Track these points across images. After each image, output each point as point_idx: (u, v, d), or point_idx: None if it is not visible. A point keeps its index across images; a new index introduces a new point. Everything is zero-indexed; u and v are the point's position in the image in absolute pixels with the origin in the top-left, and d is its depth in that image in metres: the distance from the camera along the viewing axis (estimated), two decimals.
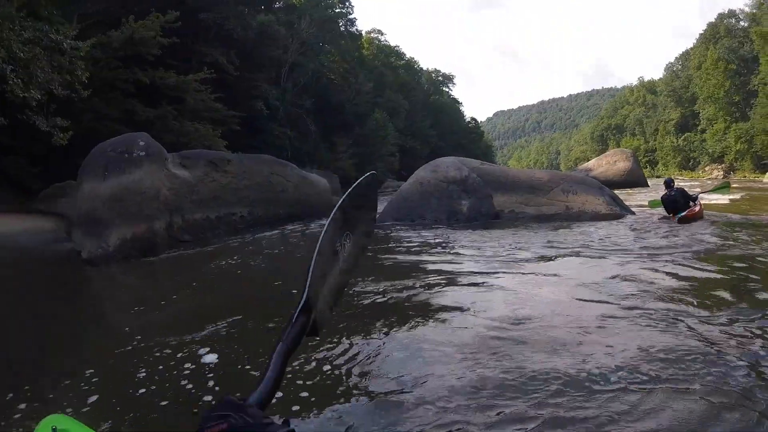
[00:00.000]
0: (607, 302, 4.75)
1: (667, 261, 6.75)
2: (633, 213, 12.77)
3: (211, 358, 3.78)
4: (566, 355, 3.42)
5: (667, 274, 5.98)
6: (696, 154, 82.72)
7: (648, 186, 31.35)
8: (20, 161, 15.91)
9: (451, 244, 9.00)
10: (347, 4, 52.97)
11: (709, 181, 41.41)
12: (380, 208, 14.92)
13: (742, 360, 3.21)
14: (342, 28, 52.26)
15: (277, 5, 39.96)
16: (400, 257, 7.92)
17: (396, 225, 12.18)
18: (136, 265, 8.70)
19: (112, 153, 9.67)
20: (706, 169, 75.11)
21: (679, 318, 4.12)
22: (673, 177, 13.13)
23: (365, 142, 42.85)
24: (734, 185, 29.23)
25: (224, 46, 26.54)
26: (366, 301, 5.20)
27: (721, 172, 66.97)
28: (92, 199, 9.11)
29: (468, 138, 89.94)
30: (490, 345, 3.71)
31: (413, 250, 8.56)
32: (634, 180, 30.97)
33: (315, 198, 14.38)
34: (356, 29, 57.13)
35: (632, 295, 4.97)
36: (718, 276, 5.96)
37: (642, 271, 6.14)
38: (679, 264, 6.51)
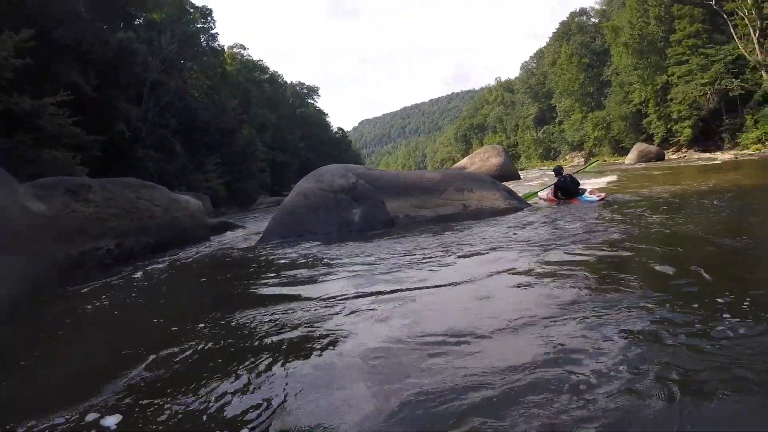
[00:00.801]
0: (512, 305, 4.66)
1: (591, 247, 6.84)
2: (529, 205, 13.03)
3: (112, 420, 3.27)
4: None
5: (600, 260, 6.06)
6: (556, 144, 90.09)
7: (520, 178, 33.23)
8: None
9: (336, 259, 8.63)
10: (209, 18, 51.79)
11: (571, 168, 44.52)
12: (263, 225, 14.54)
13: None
14: (204, 44, 50.93)
15: (137, 22, 38.09)
16: (280, 280, 7.58)
17: (282, 242, 11.55)
18: None
19: None
20: (567, 157, 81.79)
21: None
22: (556, 166, 13.94)
23: (234, 160, 41.68)
24: (593, 171, 31.98)
25: (82, 66, 24.92)
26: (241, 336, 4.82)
27: (582, 159, 73.30)
28: None
29: (337, 148, 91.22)
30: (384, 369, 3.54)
31: (292, 273, 7.96)
32: (507, 174, 32.44)
33: (187, 221, 13.60)
34: (218, 44, 56.00)
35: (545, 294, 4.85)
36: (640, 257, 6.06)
37: (564, 263, 6.11)
38: (607, 249, 6.65)
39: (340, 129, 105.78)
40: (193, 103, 39.51)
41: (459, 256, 7.44)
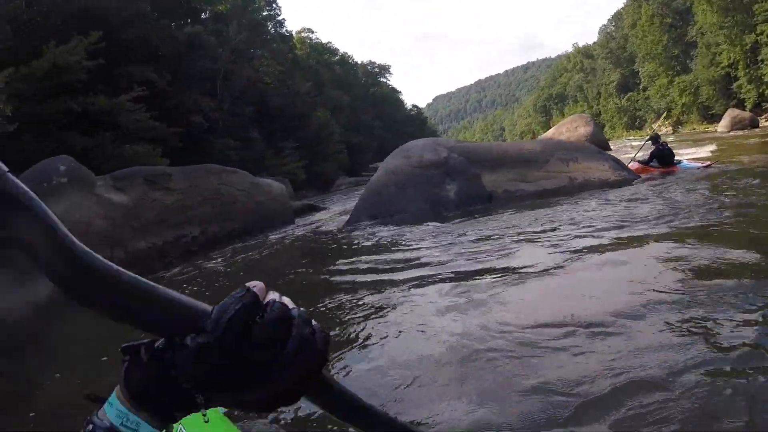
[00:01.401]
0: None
1: (720, 223, 5.84)
2: (638, 176, 11.69)
3: None
4: None
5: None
6: (642, 112, 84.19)
7: (611, 149, 30.85)
8: None
9: (430, 240, 7.70)
10: (274, 5, 51.60)
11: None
12: (351, 205, 13.89)
13: None
14: (272, 31, 50.83)
15: (204, 15, 38.29)
16: (372, 264, 6.73)
17: (371, 223, 10.68)
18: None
19: (29, 184, 8.17)
20: (654, 126, 76.19)
21: None
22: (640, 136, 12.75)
23: (310, 143, 41.35)
24: (686, 139, 29.30)
25: (153, 63, 24.94)
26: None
27: (670, 128, 67.83)
28: None
29: (413, 125, 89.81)
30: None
31: (383, 258, 7.13)
32: (597, 144, 30.25)
33: (271, 205, 13.06)
34: (286, 30, 55.82)
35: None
36: None
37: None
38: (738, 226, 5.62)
39: (414, 106, 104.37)
40: (266, 90, 39.43)
41: (576, 236, 6.43)
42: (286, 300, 0.56)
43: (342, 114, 57.28)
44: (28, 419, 3.45)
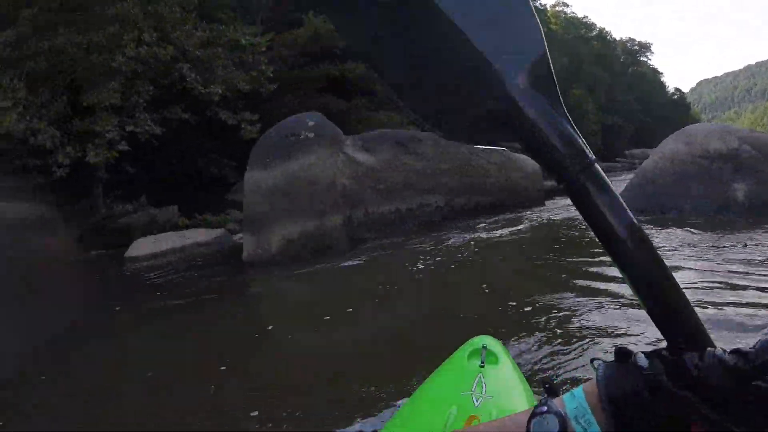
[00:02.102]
0: None
1: None
2: None
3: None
4: None
5: None
6: None
7: None
8: (212, 156, 17.11)
9: (723, 253, 5.64)
10: None
11: None
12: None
13: None
14: None
15: None
16: None
17: (639, 217, 8.62)
18: (303, 273, 6.81)
19: (276, 137, 7.97)
20: None
21: None
22: None
23: None
24: None
25: None
26: None
27: None
28: (253, 191, 7.60)
29: (675, 111, 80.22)
30: None
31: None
32: None
33: (522, 183, 11.67)
34: (540, 3, 53.41)
35: None
36: None
37: None
38: None
39: (677, 89, 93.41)
40: None
41: None
42: None
43: (599, 93, 53.16)
44: None
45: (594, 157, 0.62)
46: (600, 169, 0.63)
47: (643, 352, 0.55)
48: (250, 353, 4.06)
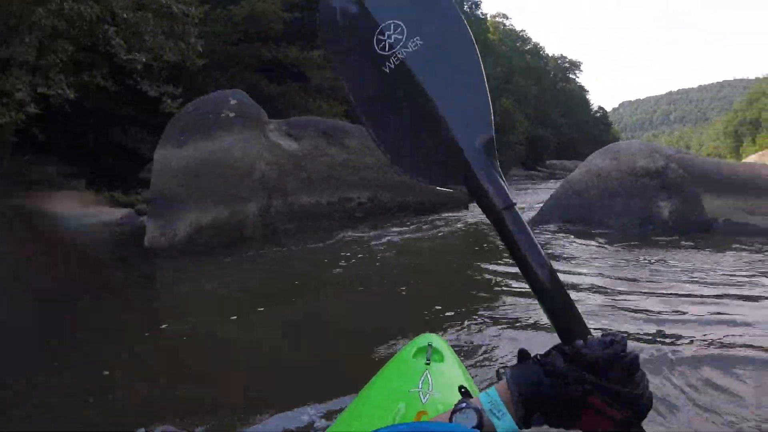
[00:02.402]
0: None
1: None
2: None
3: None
4: None
5: None
6: None
7: None
8: (131, 129, 16.23)
9: (648, 269, 5.62)
10: None
11: None
12: (530, 199, 12.13)
13: None
14: (467, 10, 49.39)
15: None
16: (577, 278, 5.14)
17: (566, 228, 8.76)
18: (212, 263, 6.33)
19: (195, 114, 7.40)
20: None
21: None
22: None
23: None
24: None
25: None
26: None
27: None
28: (162, 170, 6.98)
29: (597, 129, 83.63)
30: None
31: (589, 272, 5.55)
32: None
33: (442, 193, 11.56)
34: (481, 12, 54.20)
35: None
36: None
37: None
38: None
39: (600, 108, 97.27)
40: None
41: None
42: None
43: (528, 105, 54.50)
44: None
45: (514, 201, 0.89)
46: (517, 210, 0.89)
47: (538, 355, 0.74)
48: (149, 352, 3.66)
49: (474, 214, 11.01)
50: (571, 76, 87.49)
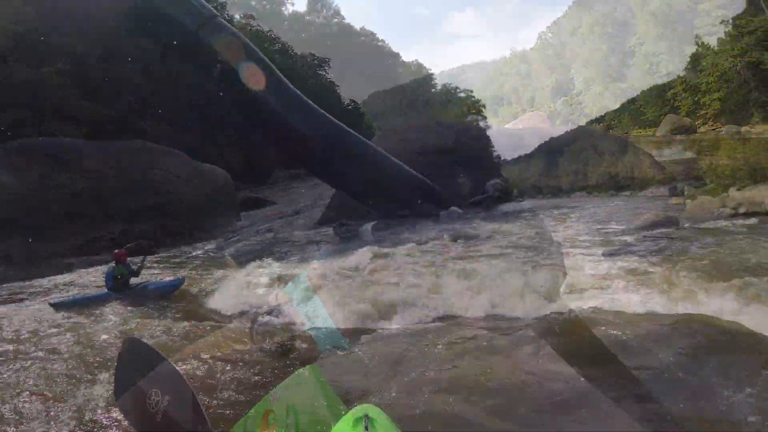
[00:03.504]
0: None
1: None
2: None
3: None
4: None
5: None
6: (575, 116, 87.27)
7: None
8: None
9: None
10: None
11: None
12: (302, 199, 11.73)
13: None
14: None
15: None
16: None
17: (355, 223, 8.55)
18: None
19: None
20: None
21: None
22: None
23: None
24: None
25: (84, 37, 23.61)
26: None
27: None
28: None
29: (350, 119, 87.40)
30: None
31: None
32: None
33: (215, 197, 10.37)
34: (227, 14, 52.71)
35: None
36: None
37: None
38: None
39: (352, 101, 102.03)
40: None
41: None
42: None
43: None
44: None
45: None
46: None
47: None
48: None
49: (250, 226, 10.23)
50: (320, 72, 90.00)
